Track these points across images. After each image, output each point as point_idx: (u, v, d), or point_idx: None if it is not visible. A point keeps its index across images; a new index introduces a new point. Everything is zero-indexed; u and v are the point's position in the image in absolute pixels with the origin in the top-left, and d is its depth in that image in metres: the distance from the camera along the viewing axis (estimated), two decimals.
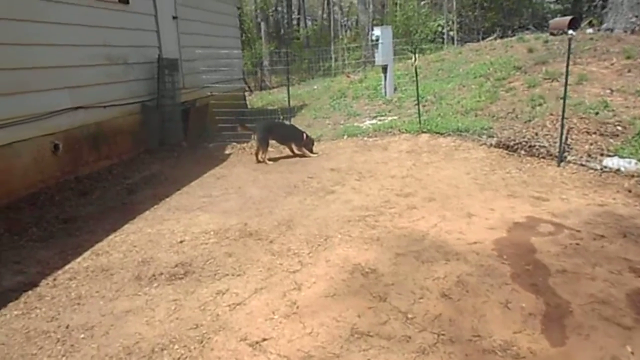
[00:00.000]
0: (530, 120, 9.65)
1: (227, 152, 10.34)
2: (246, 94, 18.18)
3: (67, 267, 5.23)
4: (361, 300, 4.30)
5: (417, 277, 4.63)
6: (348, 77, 17.70)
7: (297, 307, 4.25)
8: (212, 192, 7.69)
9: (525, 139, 8.56)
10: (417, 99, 11.03)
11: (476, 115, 10.81)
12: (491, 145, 8.91)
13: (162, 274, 5.03)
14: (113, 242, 5.87)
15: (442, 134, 10.04)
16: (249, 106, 16.56)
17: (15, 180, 7.07)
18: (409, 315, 4.04)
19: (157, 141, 10.44)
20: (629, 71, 10.72)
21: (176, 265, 5.18)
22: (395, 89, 14.84)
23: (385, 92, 14.61)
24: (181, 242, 5.79)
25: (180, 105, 10.96)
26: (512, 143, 8.50)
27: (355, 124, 12.08)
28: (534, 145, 8.21)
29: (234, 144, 10.74)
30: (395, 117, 12.17)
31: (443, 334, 3.78)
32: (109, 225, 6.42)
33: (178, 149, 10.52)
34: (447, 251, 5.14)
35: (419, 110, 10.83)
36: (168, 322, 4.15)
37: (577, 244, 5.15)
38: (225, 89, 12.66)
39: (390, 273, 4.74)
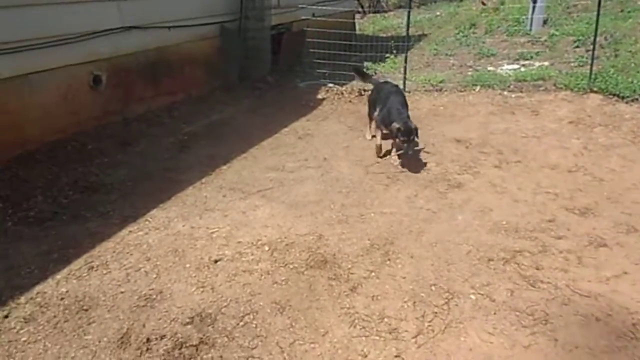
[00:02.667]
0: None
1: (320, 96, 7.85)
2: (357, 17, 15.21)
3: (21, 299, 3.25)
4: None
5: None
6: (483, 3, 14.06)
7: None
8: (287, 162, 5.36)
9: None
10: (594, 37, 7.64)
11: None
12: None
13: (163, 337, 2.89)
14: (122, 244, 3.82)
15: (623, 97, 6.78)
16: (357, 31, 13.66)
17: (34, 124, 5.19)
18: None
19: (237, 74, 8.17)
20: None
21: (190, 321, 3.01)
22: (544, 22, 11.24)
23: (531, 26, 11.09)
24: (216, 261, 3.60)
25: (270, 30, 8.50)
26: None
27: (490, 69, 8.98)
28: None
29: (331, 85, 8.19)
30: (546, 64, 8.86)
31: None
32: (130, 207, 4.38)
33: (262, 85, 8.20)
34: None
35: (592, 55, 7.50)
36: None
37: None
38: (330, 10, 9.92)
39: None
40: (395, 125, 4.95)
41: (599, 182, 4.72)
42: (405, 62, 8.01)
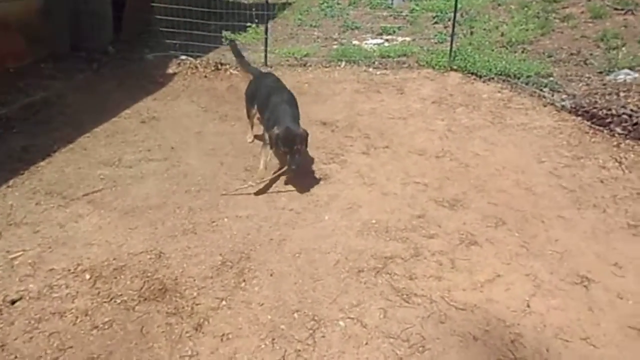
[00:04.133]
0: (608, 73, 6.47)
1: (171, 70, 6.84)
2: None
3: None
4: None
5: None
6: None
7: None
8: (125, 154, 4.43)
9: (616, 107, 5.44)
10: (454, 14, 7.54)
11: (524, 52, 7.54)
12: (562, 108, 5.75)
13: None
14: None
15: (480, 76, 6.77)
16: None
17: None
18: None
19: (68, 43, 6.83)
20: None
21: None
22: None
23: None
24: (14, 302, 2.71)
25: None
26: (601, 112, 5.37)
27: (355, 42, 8.59)
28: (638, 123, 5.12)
29: (184, 57, 7.20)
30: (408, 39, 8.70)
31: None
32: None
33: (100, 57, 6.94)
34: None
35: (452, 32, 7.41)
36: None
37: None
38: None
39: None
40: (274, 131, 3.84)
41: (465, 168, 4.51)
42: (266, 33, 7.28)
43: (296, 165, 3.88)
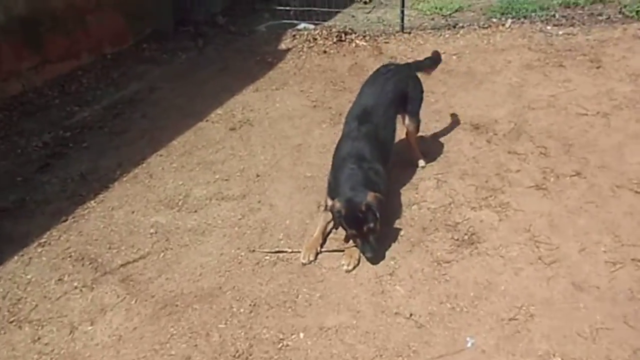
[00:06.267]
0: None
1: (284, 45, 5.46)
2: None
3: None
4: None
5: None
6: None
7: None
8: (196, 185, 3.29)
9: None
10: None
11: None
12: None
13: None
14: None
15: None
16: None
17: None
18: None
19: (172, 16, 5.84)
20: None
21: None
22: None
23: None
24: None
25: None
26: None
27: None
28: None
29: (302, 26, 5.76)
30: None
31: None
32: None
33: (208, 30, 5.85)
34: None
35: None
36: None
37: None
38: None
39: None
40: (336, 205, 2.52)
41: None
42: None
43: (373, 253, 2.52)
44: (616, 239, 2.54)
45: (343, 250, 2.63)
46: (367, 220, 2.47)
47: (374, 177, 2.62)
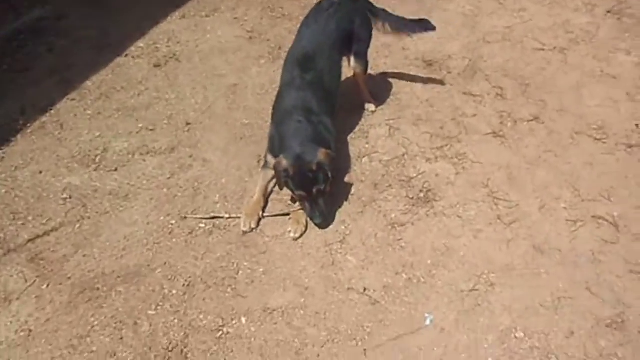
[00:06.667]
0: None
1: None
2: None
3: None
4: None
5: None
6: None
7: None
8: (116, 136, 2.85)
9: None
10: None
11: None
12: None
13: None
14: None
15: None
16: None
17: None
18: None
19: None
20: None
21: None
22: None
23: None
24: None
25: None
26: None
27: None
28: None
29: None
30: None
31: None
32: None
33: None
34: None
35: None
36: None
37: None
38: None
39: None
40: (282, 162, 2.22)
41: None
42: None
43: (322, 218, 2.27)
44: (576, 192, 2.41)
45: (288, 214, 2.35)
46: (318, 181, 2.19)
47: (324, 133, 2.32)
